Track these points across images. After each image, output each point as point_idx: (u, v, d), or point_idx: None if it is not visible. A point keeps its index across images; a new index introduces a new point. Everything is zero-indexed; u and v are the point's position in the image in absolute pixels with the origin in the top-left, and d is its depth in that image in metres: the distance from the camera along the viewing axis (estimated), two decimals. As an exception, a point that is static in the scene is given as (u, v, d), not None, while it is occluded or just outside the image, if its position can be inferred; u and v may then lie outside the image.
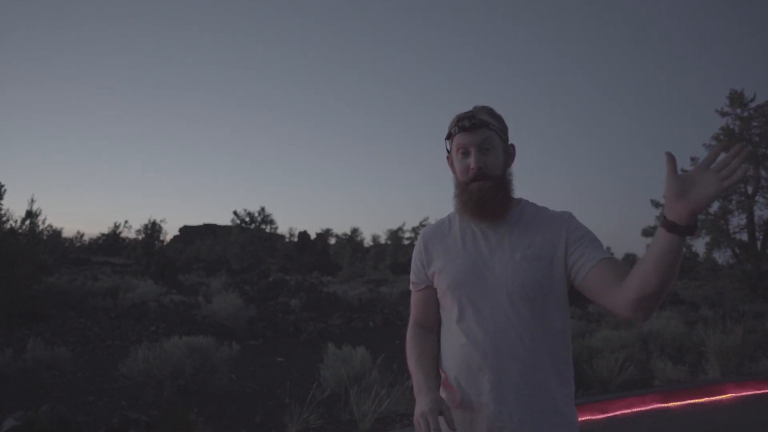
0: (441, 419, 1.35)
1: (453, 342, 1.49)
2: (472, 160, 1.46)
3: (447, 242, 1.54)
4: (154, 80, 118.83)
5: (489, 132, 1.46)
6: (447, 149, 1.55)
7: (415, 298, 1.64)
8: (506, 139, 1.52)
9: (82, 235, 72.88)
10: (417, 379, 1.47)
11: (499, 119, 1.52)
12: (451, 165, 1.54)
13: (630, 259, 63.66)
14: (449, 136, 1.52)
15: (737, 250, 23.39)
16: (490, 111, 1.52)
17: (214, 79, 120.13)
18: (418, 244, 1.61)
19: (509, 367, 1.40)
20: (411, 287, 1.65)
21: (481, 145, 1.46)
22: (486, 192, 1.44)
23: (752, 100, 23.74)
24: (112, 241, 67.21)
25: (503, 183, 1.48)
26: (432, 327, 1.62)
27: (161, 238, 54.29)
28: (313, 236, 51.72)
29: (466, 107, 1.52)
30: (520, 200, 1.53)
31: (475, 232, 1.50)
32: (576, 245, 1.41)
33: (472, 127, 1.45)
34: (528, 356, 1.40)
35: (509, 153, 1.53)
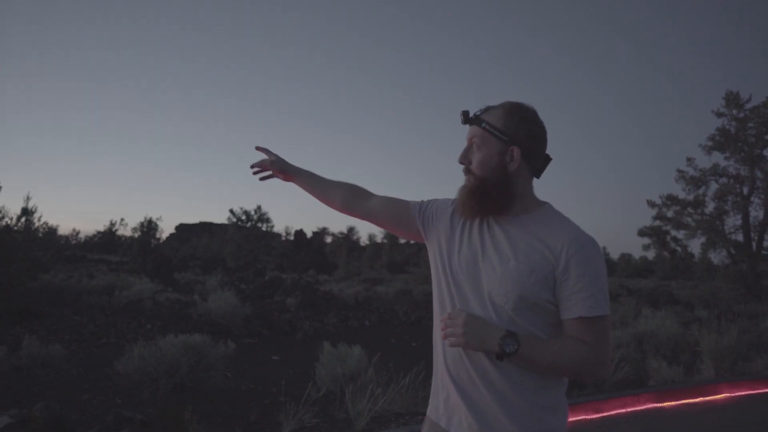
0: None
1: (439, 334, 1.48)
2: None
3: (462, 227, 1.51)
4: (152, 78, 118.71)
5: (479, 130, 1.45)
6: None
7: (400, 199, 1.68)
8: (508, 141, 1.41)
9: (77, 233, 73.03)
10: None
11: (508, 119, 1.42)
12: None
13: (626, 259, 63.88)
14: None
15: (732, 251, 23.47)
16: (504, 109, 1.44)
17: (211, 77, 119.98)
18: (447, 204, 1.59)
19: (489, 369, 1.38)
20: (412, 201, 1.66)
21: (469, 141, 1.48)
22: (466, 188, 1.47)
23: (748, 101, 23.79)
24: (108, 238, 67.11)
25: (488, 184, 1.42)
26: (360, 197, 1.73)
27: (157, 236, 54.12)
28: (309, 235, 51.64)
29: (462, 106, 1.54)
30: (543, 204, 1.48)
31: (485, 225, 1.48)
32: (565, 283, 1.35)
33: (463, 122, 1.50)
34: (509, 363, 1.37)
35: (511, 156, 1.42)
